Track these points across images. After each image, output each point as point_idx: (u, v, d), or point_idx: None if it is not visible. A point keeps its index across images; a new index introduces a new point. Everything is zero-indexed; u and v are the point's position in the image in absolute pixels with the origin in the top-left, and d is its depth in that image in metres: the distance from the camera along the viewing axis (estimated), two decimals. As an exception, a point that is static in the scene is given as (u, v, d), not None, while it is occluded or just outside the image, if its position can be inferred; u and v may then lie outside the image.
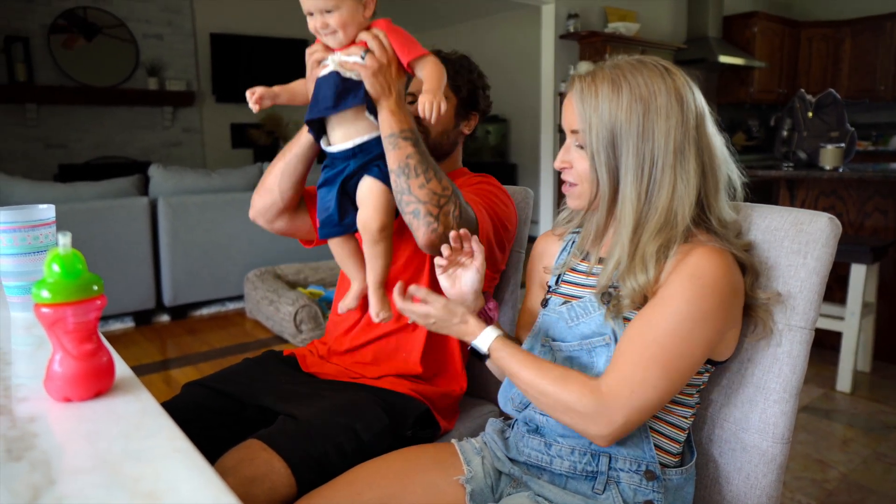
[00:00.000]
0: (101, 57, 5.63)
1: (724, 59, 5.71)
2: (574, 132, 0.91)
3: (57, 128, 5.53)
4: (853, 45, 6.45)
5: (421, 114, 0.97)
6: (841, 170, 2.83)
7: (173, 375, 2.87)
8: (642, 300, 0.85)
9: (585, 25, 5.01)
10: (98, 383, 0.68)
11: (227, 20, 6.25)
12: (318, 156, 1.16)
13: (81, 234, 2.64)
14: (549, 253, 1.08)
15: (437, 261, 0.97)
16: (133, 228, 3.49)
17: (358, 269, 1.11)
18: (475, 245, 0.94)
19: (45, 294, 0.65)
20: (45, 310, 0.65)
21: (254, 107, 1.06)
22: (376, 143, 1.02)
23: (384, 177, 1.02)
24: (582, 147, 0.90)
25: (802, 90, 3.19)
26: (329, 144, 1.05)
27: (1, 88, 5.12)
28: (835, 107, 2.96)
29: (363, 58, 0.98)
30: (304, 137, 1.13)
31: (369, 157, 1.03)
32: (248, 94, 1.06)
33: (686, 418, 0.91)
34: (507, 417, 1.08)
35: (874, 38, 6.28)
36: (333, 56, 1.01)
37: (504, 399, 1.03)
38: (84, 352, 0.67)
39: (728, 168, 0.92)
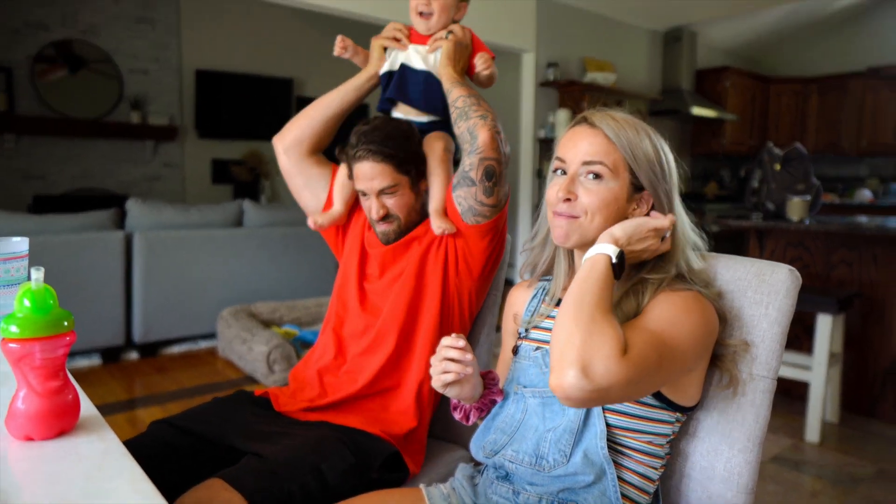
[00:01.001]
0: (85, 89, 5.64)
1: (697, 110, 5.91)
2: (589, 163, 0.91)
3: (36, 159, 5.49)
4: (819, 102, 6.74)
5: (477, 60, 1.33)
6: (807, 222, 2.92)
7: (139, 415, 2.80)
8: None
9: (564, 74, 5.17)
10: (62, 422, 0.67)
11: (213, 57, 6.32)
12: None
13: (53, 267, 2.60)
14: (520, 302, 1.09)
15: (442, 378, 0.95)
16: (107, 262, 3.44)
17: (346, 200, 1.38)
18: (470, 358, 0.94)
19: (14, 329, 0.65)
20: (12, 345, 0.65)
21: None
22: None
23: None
24: (599, 177, 0.91)
25: (770, 143, 3.30)
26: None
27: (-20, 118, 5.09)
28: (801, 161, 3.07)
29: (447, 37, 1.31)
30: (363, 81, 1.37)
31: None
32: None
33: (656, 469, 0.92)
34: (477, 463, 1.08)
35: (839, 96, 6.57)
36: (418, 48, 1.34)
37: (476, 447, 1.02)
38: (49, 389, 0.66)
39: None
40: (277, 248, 3.96)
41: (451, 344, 0.93)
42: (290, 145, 1.40)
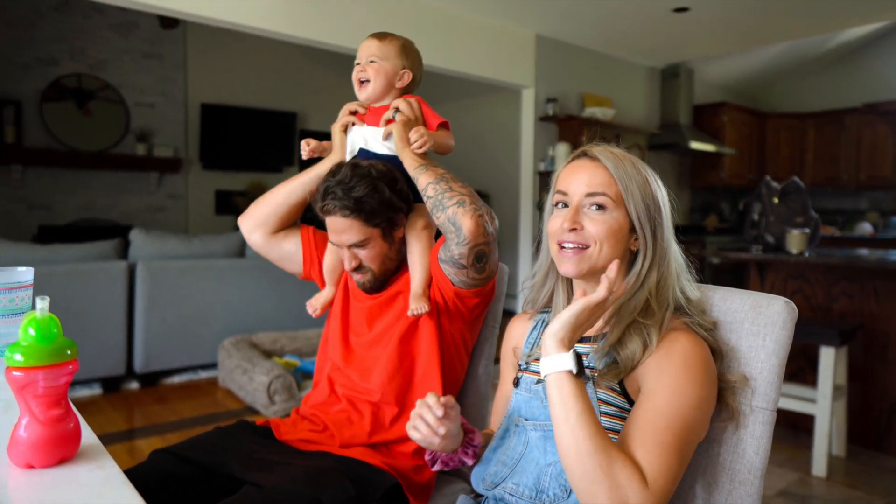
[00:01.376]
0: (92, 122, 5.73)
1: (695, 144, 5.98)
2: (592, 195, 0.93)
3: (42, 189, 5.55)
4: (817, 136, 6.82)
5: (411, 136, 1.21)
6: (807, 254, 2.94)
7: (138, 445, 2.77)
8: (631, 366, 0.89)
9: (563, 109, 5.25)
10: (62, 450, 0.68)
11: (218, 91, 6.44)
12: None
13: (57, 296, 2.62)
14: (519, 334, 1.10)
15: (410, 432, 0.95)
16: (109, 292, 3.45)
17: (336, 280, 1.38)
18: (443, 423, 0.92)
19: (18, 357, 0.65)
20: (16, 373, 0.65)
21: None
22: None
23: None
24: (602, 208, 0.93)
25: (768, 177, 3.34)
26: None
27: (-13, 150, 5.16)
28: (798, 194, 3.09)
29: (394, 116, 1.25)
30: (325, 169, 1.31)
31: None
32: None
33: (658, 502, 0.91)
34: (478, 495, 1.07)
35: (836, 131, 6.65)
36: (363, 130, 1.30)
37: (476, 479, 1.02)
38: (51, 417, 0.67)
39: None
40: (279, 278, 3.98)
41: (431, 407, 0.91)
42: (253, 228, 1.41)
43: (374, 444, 1.24)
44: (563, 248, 0.95)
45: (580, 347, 0.96)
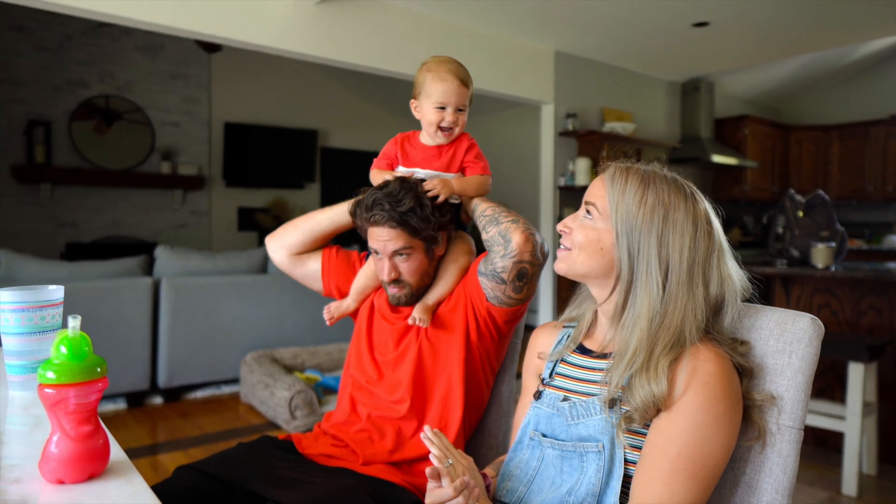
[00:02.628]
0: (119, 141, 5.87)
1: (716, 158, 5.93)
2: (590, 203, 0.96)
3: (69, 208, 5.68)
4: (841, 148, 6.72)
5: (427, 186, 1.26)
6: (833, 268, 2.88)
7: (161, 460, 2.80)
8: (654, 412, 0.86)
9: (584, 124, 5.25)
10: (92, 466, 0.69)
11: (241, 110, 6.55)
12: None
13: (83, 313, 2.67)
14: (545, 343, 1.10)
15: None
16: (135, 308, 3.51)
17: (360, 299, 1.40)
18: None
19: (51, 375, 0.67)
20: (48, 390, 0.67)
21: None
22: None
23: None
24: (590, 216, 0.95)
25: (792, 190, 3.30)
26: None
27: (19, 169, 5.30)
28: (823, 207, 3.05)
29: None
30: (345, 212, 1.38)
31: None
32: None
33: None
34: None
35: (861, 143, 6.55)
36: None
37: (500, 490, 1.01)
38: (82, 433, 0.68)
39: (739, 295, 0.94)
40: (300, 294, 4.01)
41: (430, 475, 0.86)
42: (279, 248, 1.47)
43: (396, 461, 1.24)
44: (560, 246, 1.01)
45: (599, 363, 0.96)
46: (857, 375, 2.47)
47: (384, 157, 1.37)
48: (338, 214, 1.40)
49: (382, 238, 1.25)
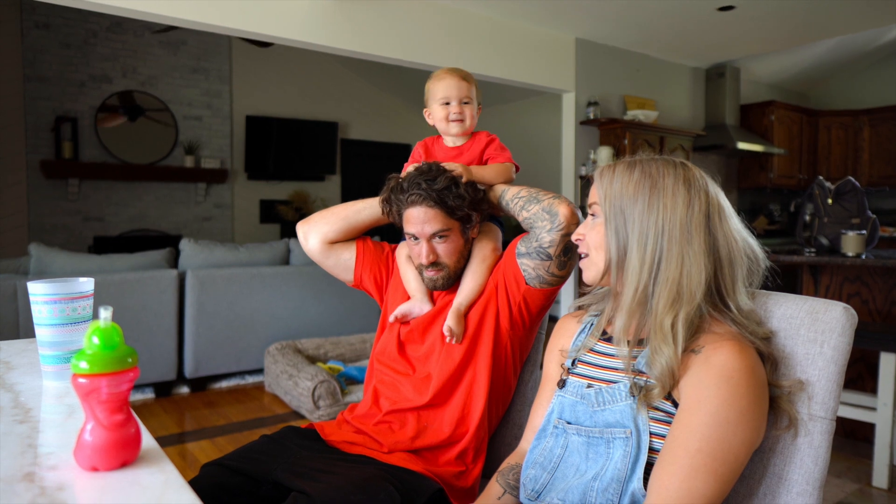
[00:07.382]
0: (143, 136, 5.95)
1: (742, 145, 5.82)
2: (591, 205, 0.99)
3: (96, 202, 5.79)
4: (872, 133, 6.55)
5: (448, 165, 1.29)
6: (864, 256, 2.82)
7: (189, 449, 2.85)
8: (671, 380, 0.86)
9: (605, 113, 5.19)
10: (125, 454, 0.70)
11: (262, 103, 6.60)
12: None
13: (111, 304, 2.72)
14: (569, 333, 1.09)
15: None
16: (161, 300, 3.57)
17: (427, 298, 1.36)
18: None
19: (84, 365, 0.68)
20: (81, 380, 0.68)
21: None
22: None
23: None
24: (595, 216, 0.98)
25: (821, 177, 3.22)
26: None
27: (48, 164, 5.41)
28: (854, 194, 2.98)
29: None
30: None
31: None
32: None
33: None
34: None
35: (893, 127, 6.37)
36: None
37: (524, 477, 1.02)
38: (115, 422, 0.69)
39: (752, 264, 0.95)
40: (322, 285, 4.04)
41: None
42: (315, 234, 1.43)
43: (417, 449, 1.25)
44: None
45: (619, 350, 0.96)
46: (889, 366, 2.42)
47: (412, 162, 1.40)
48: (377, 204, 1.40)
49: (420, 220, 1.26)
